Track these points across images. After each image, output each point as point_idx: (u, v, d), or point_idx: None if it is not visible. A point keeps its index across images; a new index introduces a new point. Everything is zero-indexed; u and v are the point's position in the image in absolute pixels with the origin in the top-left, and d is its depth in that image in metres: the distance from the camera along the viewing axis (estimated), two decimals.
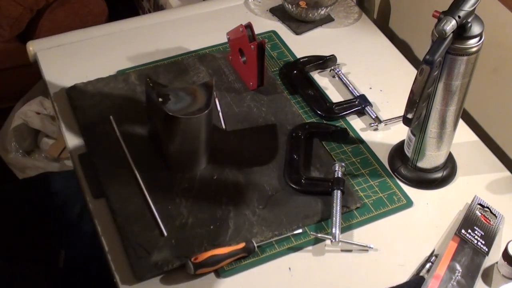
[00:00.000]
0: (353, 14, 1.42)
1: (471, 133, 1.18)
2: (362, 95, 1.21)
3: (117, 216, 1.00)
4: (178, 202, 1.02)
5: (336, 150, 1.13)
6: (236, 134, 1.14)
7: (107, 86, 1.21)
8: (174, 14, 1.43)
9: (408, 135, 1.07)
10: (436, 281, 0.93)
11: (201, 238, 0.98)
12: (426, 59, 0.87)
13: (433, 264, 0.96)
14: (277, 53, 1.31)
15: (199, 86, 1.07)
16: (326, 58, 1.28)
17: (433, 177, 1.08)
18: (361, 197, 1.05)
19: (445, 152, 1.07)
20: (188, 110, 1.02)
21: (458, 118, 1.02)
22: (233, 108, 1.18)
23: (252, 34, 1.16)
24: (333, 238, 0.97)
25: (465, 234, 0.99)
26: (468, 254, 0.97)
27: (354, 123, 1.18)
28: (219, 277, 0.95)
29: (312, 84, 1.24)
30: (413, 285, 0.89)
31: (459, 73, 0.94)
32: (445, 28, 0.86)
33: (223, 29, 1.24)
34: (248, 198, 1.03)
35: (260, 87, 1.21)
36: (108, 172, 1.06)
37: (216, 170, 1.08)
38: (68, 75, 1.23)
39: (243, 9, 1.43)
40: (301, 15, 1.37)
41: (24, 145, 1.95)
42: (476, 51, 0.92)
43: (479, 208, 1.04)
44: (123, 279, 0.94)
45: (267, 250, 0.98)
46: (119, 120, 1.14)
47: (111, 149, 1.09)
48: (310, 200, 1.04)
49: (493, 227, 1.02)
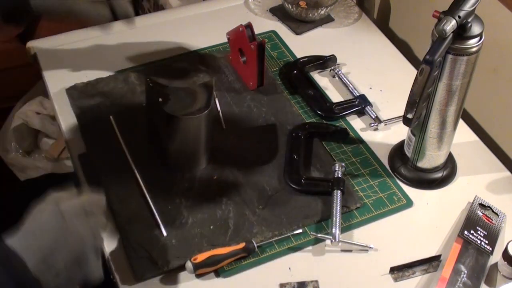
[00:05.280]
0: (353, 14, 1.42)
1: (471, 133, 1.18)
2: (362, 95, 1.21)
3: (117, 216, 1.00)
4: (178, 202, 1.02)
5: (336, 150, 1.13)
6: (236, 134, 1.14)
7: (107, 86, 1.21)
8: (174, 14, 1.43)
9: (408, 135, 1.07)
10: (442, 283, 0.93)
11: (201, 238, 0.98)
12: (426, 59, 0.87)
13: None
14: (277, 53, 1.31)
15: (199, 86, 1.07)
16: (326, 58, 1.28)
17: (433, 177, 1.08)
18: (361, 197, 1.05)
19: (445, 152, 1.07)
20: (188, 110, 1.02)
21: (458, 118, 1.02)
22: (233, 108, 1.18)
23: (252, 34, 1.16)
24: (333, 238, 0.97)
25: (468, 235, 0.99)
26: (472, 255, 0.97)
27: (354, 123, 1.18)
28: (219, 277, 0.95)
29: (312, 84, 1.24)
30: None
31: (459, 73, 0.94)
32: (445, 28, 0.86)
33: (223, 29, 1.24)
34: (248, 198, 1.03)
35: (260, 87, 1.21)
36: (108, 172, 1.06)
37: (216, 170, 1.08)
38: (68, 75, 1.23)
39: (243, 9, 1.43)
40: (301, 15, 1.37)
41: (24, 145, 1.95)
42: (476, 51, 0.92)
43: (480, 208, 1.04)
44: (123, 279, 0.94)
45: (267, 250, 0.98)
46: (119, 120, 1.14)
47: (111, 149, 1.09)
48: (310, 200, 1.04)
49: (495, 226, 1.02)
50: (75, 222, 0.82)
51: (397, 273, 0.96)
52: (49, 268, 0.78)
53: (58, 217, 0.81)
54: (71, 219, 0.81)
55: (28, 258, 0.77)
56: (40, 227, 0.80)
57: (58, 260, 0.79)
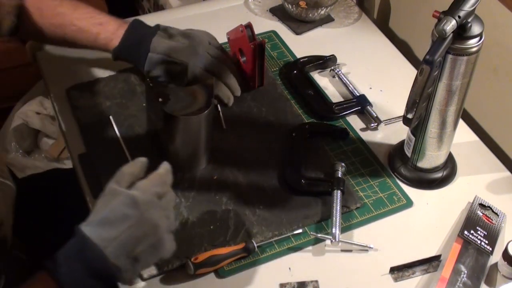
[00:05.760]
0: (353, 14, 1.42)
1: (471, 133, 1.18)
2: (362, 95, 1.21)
3: None
4: (178, 202, 1.02)
5: (336, 150, 1.13)
6: (236, 134, 1.14)
7: (107, 86, 1.21)
8: (174, 14, 1.43)
9: (408, 135, 1.07)
10: (442, 283, 0.93)
11: (201, 238, 0.98)
12: (426, 59, 0.87)
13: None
14: (277, 53, 1.31)
15: (199, 86, 1.07)
16: (326, 58, 1.28)
17: (433, 177, 1.08)
18: (361, 197, 1.05)
19: (445, 152, 1.07)
20: (188, 110, 1.02)
21: (458, 118, 1.02)
22: (233, 108, 1.18)
23: (252, 34, 1.16)
24: (333, 238, 0.97)
25: (468, 235, 0.99)
26: (472, 255, 0.97)
27: (354, 123, 1.18)
28: (219, 277, 0.95)
29: (312, 84, 1.24)
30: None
31: (459, 73, 0.94)
32: (445, 28, 0.86)
33: (223, 29, 1.24)
34: (248, 198, 1.03)
35: (260, 87, 1.21)
36: (108, 172, 1.05)
37: (216, 170, 1.08)
38: (68, 75, 1.23)
39: (243, 9, 1.43)
40: (301, 15, 1.37)
41: (24, 145, 1.95)
42: (476, 51, 0.92)
43: (480, 208, 1.04)
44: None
45: (267, 250, 0.98)
46: (119, 120, 1.14)
47: (111, 149, 1.09)
48: (310, 200, 1.04)
49: (495, 226, 1.02)
50: (149, 208, 0.81)
51: (397, 273, 0.96)
52: (127, 256, 0.79)
53: (131, 205, 0.81)
54: (144, 206, 0.81)
55: (105, 246, 0.78)
56: (115, 216, 0.80)
57: (135, 247, 0.80)
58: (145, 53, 1.10)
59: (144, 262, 0.82)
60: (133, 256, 0.80)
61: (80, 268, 0.78)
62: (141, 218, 0.80)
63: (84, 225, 0.81)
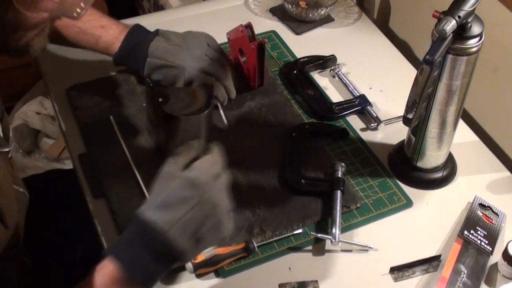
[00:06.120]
0: (353, 14, 1.42)
1: (471, 133, 1.18)
2: (362, 95, 1.21)
3: (117, 216, 1.00)
4: None
5: (336, 150, 1.13)
6: (236, 134, 1.14)
7: (107, 86, 1.21)
8: (174, 14, 1.43)
9: (408, 135, 1.07)
10: (442, 283, 0.93)
11: None
12: (426, 59, 0.87)
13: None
14: (277, 53, 1.31)
15: (199, 86, 1.07)
16: (326, 58, 1.28)
17: (433, 177, 1.08)
18: (361, 197, 1.05)
19: (445, 152, 1.07)
20: (188, 110, 1.02)
21: (458, 118, 1.02)
22: (233, 108, 1.18)
23: (252, 34, 1.16)
24: (333, 238, 0.97)
25: (468, 235, 0.99)
26: (472, 255, 0.97)
27: (354, 123, 1.18)
28: (219, 277, 0.95)
29: (312, 84, 1.24)
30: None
31: (459, 73, 0.94)
32: (445, 28, 0.86)
33: (223, 29, 1.24)
34: (248, 198, 1.03)
35: (260, 87, 1.21)
36: (108, 172, 1.06)
37: None
38: (68, 75, 1.23)
39: (243, 9, 1.43)
40: (301, 15, 1.37)
41: (24, 145, 1.95)
42: (476, 51, 0.92)
43: (480, 208, 1.04)
44: None
45: (267, 250, 0.98)
46: (119, 120, 1.14)
47: (111, 149, 1.09)
48: (310, 200, 1.04)
49: (495, 226, 1.02)
50: (208, 190, 0.81)
51: (397, 273, 0.96)
52: (190, 237, 0.79)
53: (191, 187, 0.80)
54: (204, 188, 0.81)
55: (167, 229, 0.78)
56: (176, 198, 0.79)
57: (198, 229, 0.79)
58: (143, 59, 1.11)
59: (206, 242, 0.82)
60: (195, 238, 0.80)
61: (144, 252, 0.78)
62: (202, 199, 0.80)
63: (144, 209, 0.80)
